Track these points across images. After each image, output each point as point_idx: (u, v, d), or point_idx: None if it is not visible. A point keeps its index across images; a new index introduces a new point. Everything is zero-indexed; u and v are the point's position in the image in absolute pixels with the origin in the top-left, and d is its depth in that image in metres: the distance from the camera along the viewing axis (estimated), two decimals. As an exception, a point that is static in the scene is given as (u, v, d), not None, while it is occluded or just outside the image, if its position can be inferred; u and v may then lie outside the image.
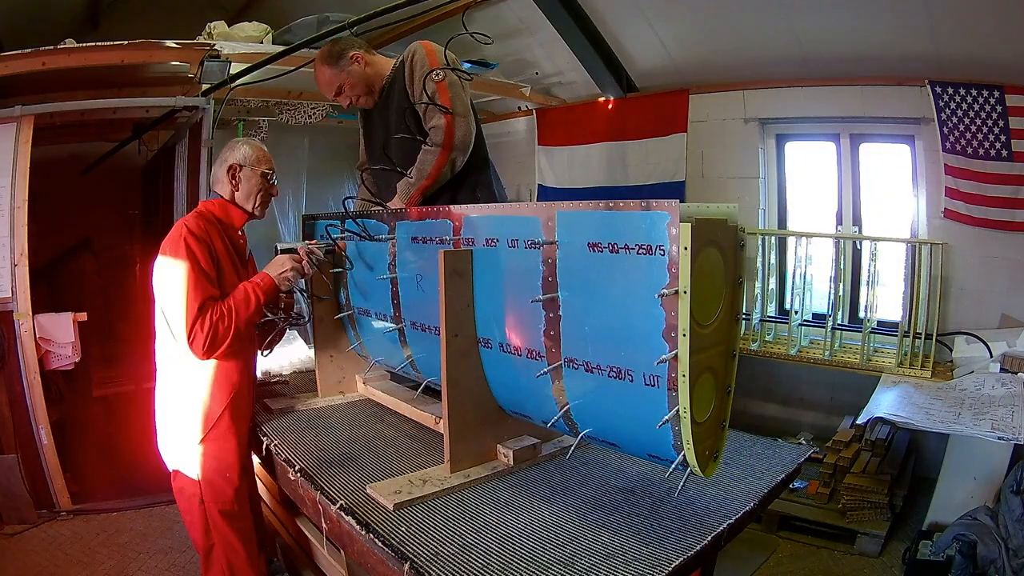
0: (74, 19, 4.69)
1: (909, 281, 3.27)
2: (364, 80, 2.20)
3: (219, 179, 2.01)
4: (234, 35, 3.27)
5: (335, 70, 2.17)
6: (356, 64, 2.17)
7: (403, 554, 1.24)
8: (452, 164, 2.07)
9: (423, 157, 2.07)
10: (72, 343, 3.09)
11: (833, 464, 3.07)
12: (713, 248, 1.19)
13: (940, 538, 2.50)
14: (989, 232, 3.15)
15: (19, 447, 3.02)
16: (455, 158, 2.06)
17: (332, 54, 2.18)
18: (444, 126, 2.03)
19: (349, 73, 2.17)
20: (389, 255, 1.93)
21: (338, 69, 2.17)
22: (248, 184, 2.01)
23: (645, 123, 4.21)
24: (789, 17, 3.31)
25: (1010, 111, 2.96)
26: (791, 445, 1.84)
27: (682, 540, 1.29)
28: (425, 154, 2.06)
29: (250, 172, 2.00)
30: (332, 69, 2.18)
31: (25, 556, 2.74)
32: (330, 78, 2.19)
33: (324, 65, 2.19)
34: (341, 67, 2.17)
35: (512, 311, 1.50)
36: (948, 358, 3.26)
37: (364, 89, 2.22)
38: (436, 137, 2.04)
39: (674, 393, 1.17)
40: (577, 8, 3.76)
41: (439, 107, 2.03)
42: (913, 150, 3.44)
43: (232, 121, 4.18)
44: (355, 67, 2.17)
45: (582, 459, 1.68)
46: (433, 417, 1.87)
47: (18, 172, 2.96)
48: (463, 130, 2.06)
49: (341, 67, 2.17)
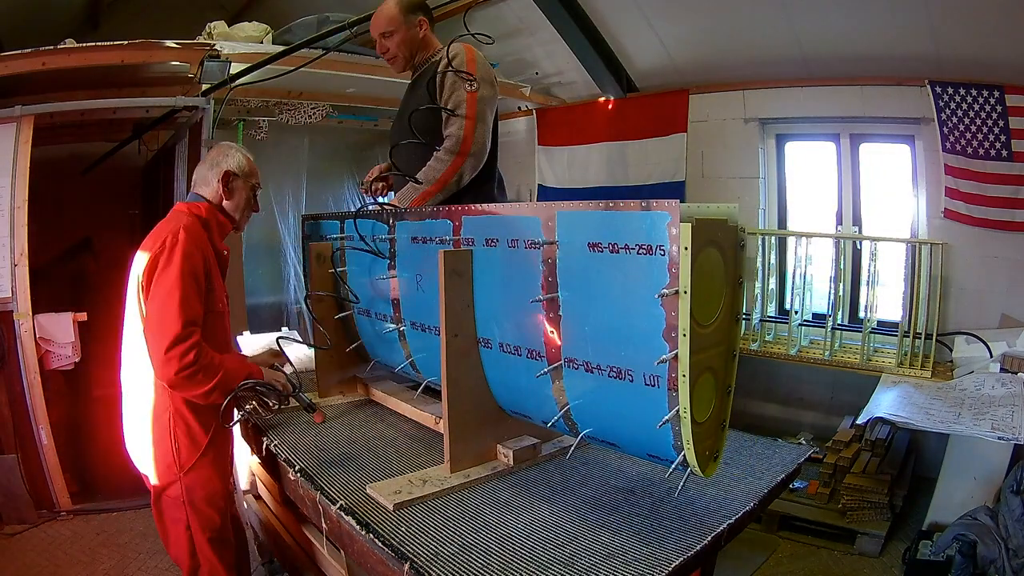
0: (74, 19, 4.69)
1: (909, 281, 3.27)
2: (412, 43, 2.19)
3: (207, 182, 1.92)
4: (234, 35, 3.27)
5: (399, 15, 2.15)
6: (416, 28, 2.17)
7: (403, 554, 1.24)
8: (460, 176, 2.04)
9: (433, 164, 2.04)
10: (72, 343, 3.09)
11: (833, 464, 3.07)
12: (713, 248, 1.19)
13: (940, 538, 2.50)
14: (989, 232, 3.16)
15: (19, 447, 3.02)
16: (464, 171, 2.04)
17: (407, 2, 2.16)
18: (462, 136, 2.00)
19: (408, 27, 2.16)
20: (389, 255, 1.93)
21: (402, 17, 2.15)
22: (239, 195, 1.95)
23: (645, 123, 4.21)
24: (789, 17, 3.31)
25: (1010, 111, 2.96)
26: (791, 445, 1.84)
27: (682, 540, 1.29)
28: (436, 160, 2.04)
29: (243, 183, 1.95)
30: (398, 13, 2.15)
31: (25, 556, 2.74)
32: (389, 19, 2.16)
33: (394, 3, 2.16)
34: (406, 17, 2.15)
35: (512, 311, 1.50)
36: (948, 358, 3.27)
37: (407, 51, 2.20)
38: (450, 145, 2.02)
39: (674, 393, 1.17)
40: (577, 8, 3.76)
41: (461, 116, 2.00)
42: (913, 150, 3.44)
43: (232, 121, 4.18)
44: (413, 28, 2.17)
45: (582, 459, 1.68)
46: (433, 417, 1.87)
47: (18, 172, 2.96)
48: (479, 145, 2.04)
49: (406, 17, 2.15)
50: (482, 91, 2.05)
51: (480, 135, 2.04)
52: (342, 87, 3.97)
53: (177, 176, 3.68)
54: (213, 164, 1.94)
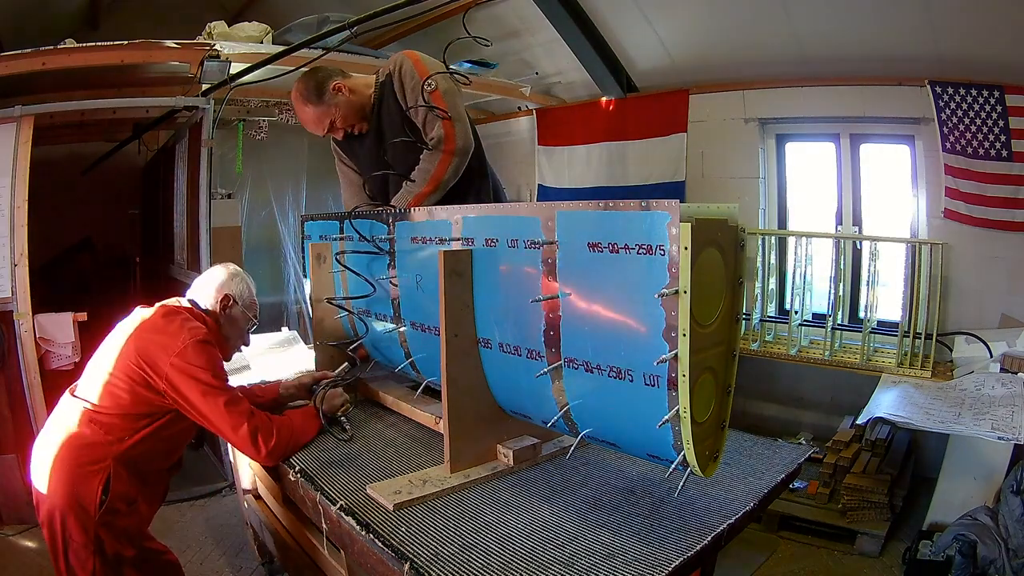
0: (74, 19, 4.69)
1: (909, 281, 3.27)
2: (353, 107, 2.11)
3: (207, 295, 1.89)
4: (234, 35, 3.27)
5: (322, 107, 2.07)
6: (341, 94, 2.07)
7: (403, 554, 1.24)
8: (455, 170, 2.05)
9: (424, 165, 2.04)
10: (72, 343, 3.09)
11: (833, 464, 3.07)
12: (713, 248, 1.19)
13: (940, 538, 2.50)
14: (989, 232, 3.15)
15: (19, 447, 3.02)
16: (457, 163, 2.04)
17: (311, 90, 2.06)
18: (444, 134, 2.00)
19: (337, 106, 2.07)
20: (389, 255, 1.93)
21: (324, 105, 2.06)
22: (235, 325, 1.93)
23: (645, 123, 4.21)
24: (789, 17, 3.31)
25: (1010, 111, 2.96)
26: (791, 445, 1.84)
27: (682, 540, 1.29)
28: (426, 161, 2.04)
29: (240, 313, 1.93)
30: (317, 106, 2.07)
31: (25, 556, 2.74)
32: (318, 115, 2.08)
33: (307, 104, 2.07)
34: (326, 102, 2.06)
35: (512, 311, 1.50)
36: (948, 358, 3.26)
37: (356, 115, 2.13)
38: (436, 146, 2.02)
39: (674, 393, 1.17)
40: (577, 8, 3.76)
41: (438, 114, 1.99)
42: (913, 150, 3.44)
43: (232, 121, 4.18)
44: (340, 97, 2.07)
45: (582, 459, 1.68)
46: (433, 417, 1.87)
47: (18, 172, 2.95)
48: (463, 135, 2.04)
49: (326, 102, 2.06)
50: (442, 86, 2.03)
51: (461, 130, 2.04)
52: (342, 87, 3.97)
53: (177, 176, 3.69)
54: (215, 281, 1.91)
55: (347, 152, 2.38)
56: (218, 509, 3.22)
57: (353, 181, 2.43)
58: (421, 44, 4.25)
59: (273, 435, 1.72)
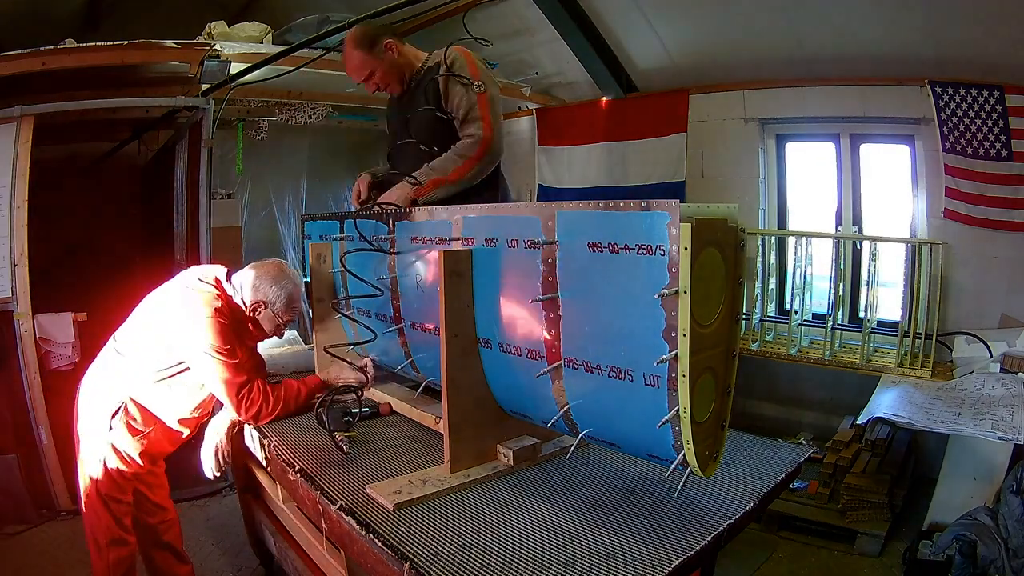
0: (74, 19, 4.68)
1: (909, 281, 3.27)
2: (396, 68, 2.18)
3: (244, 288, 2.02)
4: (234, 35, 3.27)
5: (368, 55, 2.13)
6: (390, 52, 2.15)
7: (403, 554, 1.24)
8: (478, 172, 2.06)
9: (451, 156, 2.06)
10: (72, 343, 3.09)
11: (833, 464, 3.07)
12: (713, 248, 1.19)
13: (940, 538, 2.50)
14: (989, 232, 3.16)
15: (19, 447, 3.02)
16: (481, 168, 2.06)
17: (366, 38, 2.13)
18: (481, 140, 2.03)
19: (383, 60, 2.14)
20: (388, 255, 1.93)
21: (372, 55, 2.13)
22: (266, 323, 2.05)
23: (645, 123, 4.21)
24: (789, 17, 3.31)
25: (1010, 111, 2.96)
26: (791, 445, 1.84)
27: (682, 540, 1.28)
28: (455, 155, 2.05)
29: (272, 315, 2.03)
30: (365, 54, 2.13)
31: (25, 556, 2.74)
32: (361, 63, 2.15)
33: (357, 49, 2.14)
34: (375, 54, 2.13)
35: (512, 311, 1.50)
36: (948, 358, 3.27)
37: (396, 77, 2.20)
38: (470, 144, 2.04)
39: (674, 393, 1.17)
40: (577, 8, 3.76)
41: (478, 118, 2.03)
42: (913, 150, 3.44)
43: (232, 121, 4.18)
44: (389, 55, 2.15)
45: (582, 459, 1.68)
46: (433, 417, 1.87)
47: (18, 172, 2.96)
48: (498, 146, 2.07)
49: (375, 54, 2.13)
50: (490, 92, 2.07)
51: (498, 137, 2.06)
52: (342, 87, 3.97)
53: (177, 176, 3.69)
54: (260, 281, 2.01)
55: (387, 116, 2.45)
56: (218, 509, 3.22)
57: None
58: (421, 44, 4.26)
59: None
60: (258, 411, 1.91)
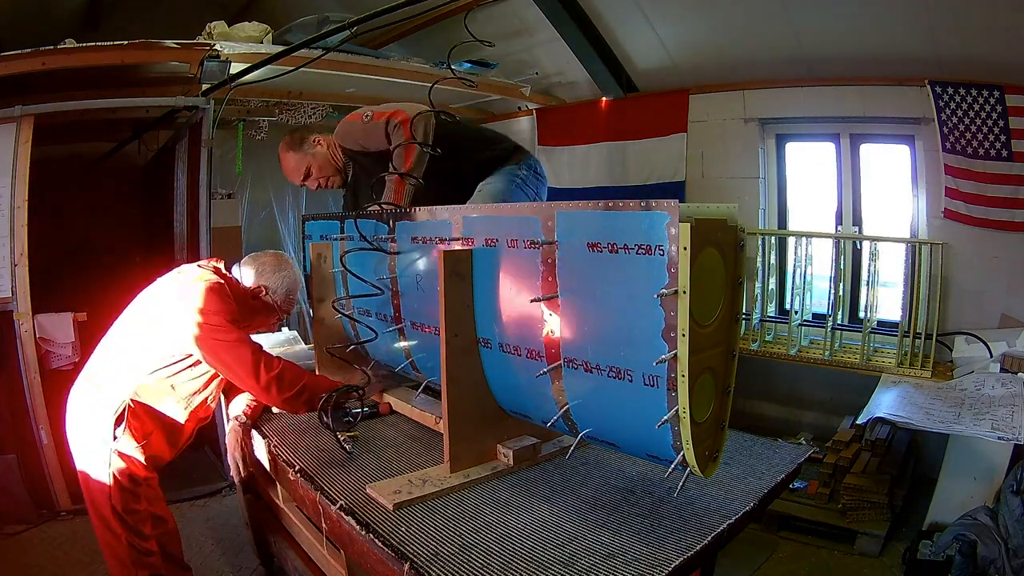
0: (74, 19, 4.68)
1: (909, 281, 3.27)
2: (329, 160, 2.31)
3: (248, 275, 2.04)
4: (234, 35, 3.26)
5: (300, 154, 2.29)
6: (319, 146, 2.29)
7: (403, 554, 1.24)
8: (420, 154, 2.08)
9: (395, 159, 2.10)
10: (72, 343, 3.09)
11: (833, 464, 3.07)
12: (713, 248, 1.19)
13: (940, 538, 2.50)
14: (989, 232, 3.16)
15: (19, 447, 3.02)
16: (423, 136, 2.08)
17: (294, 139, 2.31)
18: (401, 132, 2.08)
19: (314, 155, 2.29)
20: (389, 255, 1.93)
21: (302, 153, 2.28)
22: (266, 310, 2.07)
23: (645, 123, 4.21)
24: (789, 17, 3.31)
25: (1010, 111, 2.96)
26: (791, 445, 1.84)
27: (682, 540, 1.29)
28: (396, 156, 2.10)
29: (272, 302, 2.05)
30: (296, 153, 2.29)
31: (25, 556, 2.74)
32: (296, 162, 2.30)
33: (288, 151, 2.30)
34: (305, 151, 2.28)
35: (512, 311, 1.50)
36: (948, 358, 3.26)
37: (332, 169, 2.33)
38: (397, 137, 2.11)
39: (674, 393, 1.18)
40: (577, 8, 3.76)
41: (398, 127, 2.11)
42: (913, 150, 3.44)
43: (232, 121, 4.18)
44: (319, 149, 2.29)
45: (582, 459, 1.68)
46: (433, 417, 1.87)
47: (18, 172, 2.95)
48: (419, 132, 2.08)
49: (305, 151, 2.28)
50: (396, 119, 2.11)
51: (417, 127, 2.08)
52: (342, 87, 3.97)
53: (177, 176, 3.69)
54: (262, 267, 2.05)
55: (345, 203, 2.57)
56: (218, 509, 3.22)
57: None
58: (421, 44, 4.27)
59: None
60: (280, 374, 1.82)
